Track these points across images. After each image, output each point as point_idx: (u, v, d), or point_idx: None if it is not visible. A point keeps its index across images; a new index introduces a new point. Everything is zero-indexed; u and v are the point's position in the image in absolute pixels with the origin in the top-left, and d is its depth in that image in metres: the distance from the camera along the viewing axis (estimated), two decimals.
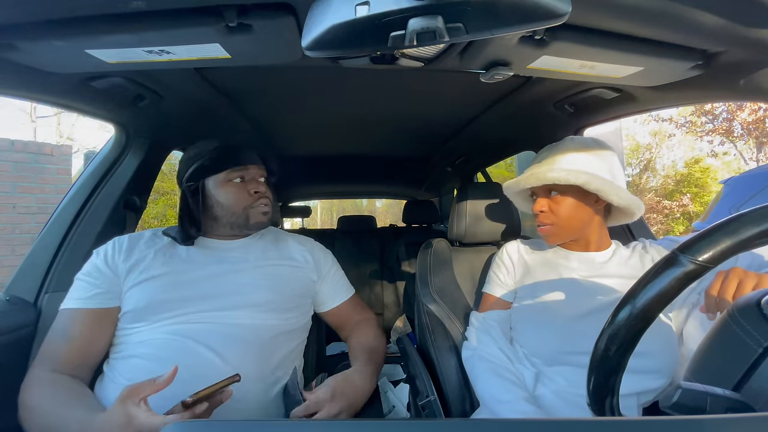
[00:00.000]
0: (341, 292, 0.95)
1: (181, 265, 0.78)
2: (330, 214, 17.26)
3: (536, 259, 0.90)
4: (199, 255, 0.81)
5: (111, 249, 0.78)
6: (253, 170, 0.85)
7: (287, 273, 0.85)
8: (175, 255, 0.80)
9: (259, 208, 0.83)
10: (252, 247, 0.86)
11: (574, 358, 0.73)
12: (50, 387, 0.64)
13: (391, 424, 0.29)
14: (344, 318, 0.95)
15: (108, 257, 0.77)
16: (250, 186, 0.83)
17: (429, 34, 0.43)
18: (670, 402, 0.33)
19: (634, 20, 0.56)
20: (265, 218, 0.85)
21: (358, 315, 0.96)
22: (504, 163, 7.80)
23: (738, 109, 7.52)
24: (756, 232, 0.32)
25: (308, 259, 0.90)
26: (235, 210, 0.82)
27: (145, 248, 0.79)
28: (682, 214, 8.24)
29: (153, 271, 0.75)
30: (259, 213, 0.83)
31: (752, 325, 0.35)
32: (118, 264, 0.76)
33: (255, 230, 0.87)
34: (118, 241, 0.80)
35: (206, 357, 0.68)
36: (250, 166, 0.84)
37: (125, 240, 0.81)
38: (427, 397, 0.86)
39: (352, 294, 0.98)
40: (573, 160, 0.80)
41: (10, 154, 3.43)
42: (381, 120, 1.32)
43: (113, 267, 0.76)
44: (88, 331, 0.71)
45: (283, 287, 0.82)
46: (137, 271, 0.75)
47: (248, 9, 0.52)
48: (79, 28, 0.54)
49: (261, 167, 0.87)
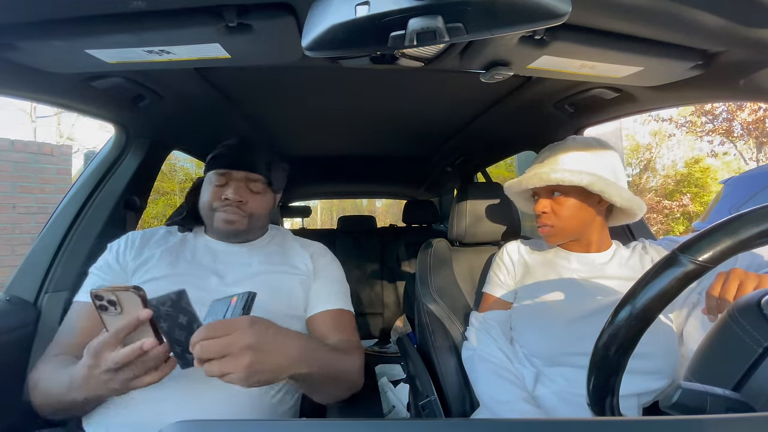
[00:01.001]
0: (326, 300, 0.81)
1: (184, 268, 0.77)
2: (330, 214, 17.26)
3: (536, 260, 0.90)
4: (204, 258, 0.80)
5: (123, 245, 0.79)
6: (237, 176, 0.81)
7: (287, 282, 0.82)
8: (180, 256, 0.79)
9: (222, 215, 0.79)
10: (258, 251, 0.84)
11: (574, 359, 0.73)
12: (53, 362, 0.66)
13: (391, 424, 0.29)
14: (323, 332, 0.78)
15: (119, 253, 0.78)
16: (225, 191, 0.79)
17: (429, 34, 0.43)
18: (670, 402, 0.33)
19: (634, 20, 0.56)
20: (228, 226, 0.79)
21: (341, 334, 0.77)
22: (504, 163, 7.80)
23: (738, 109, 7.52)
24: (756, 232, 0.32)
25: (308, 266, 0.86)
26: (204, 210, 0.82)
27: (155, 246, 0.79)
28: (682, 214, 8.24)
29: (156, 272, 0.75)
30: (221, 219, 0.79)
31: (752, 325, 0.35)
32: (128, 261, 0.77)
33: (220, 236, 0.83)
34: (131, 237, 0.81)
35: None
36: (235, 172, 0.81)
37: (138, 236, 0.81)
38: (427, 397, 0.86)
39: (341, 308, 0.82)
40: (576, 161, 0.80)
41: (10, 154, 3.44)
42: (381, 120, 1.32)
43: (123, 264, 0.76)
44: (91, 325, 0.71)
45: (282, 299, 0.78)
46: (143, 271, 0.75)
47: (248, 9, 0.52)
48: (79, 28, 0.54)
49: (252, 174, 0.82)
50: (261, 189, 0.83)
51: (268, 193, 0.85)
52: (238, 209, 0.79)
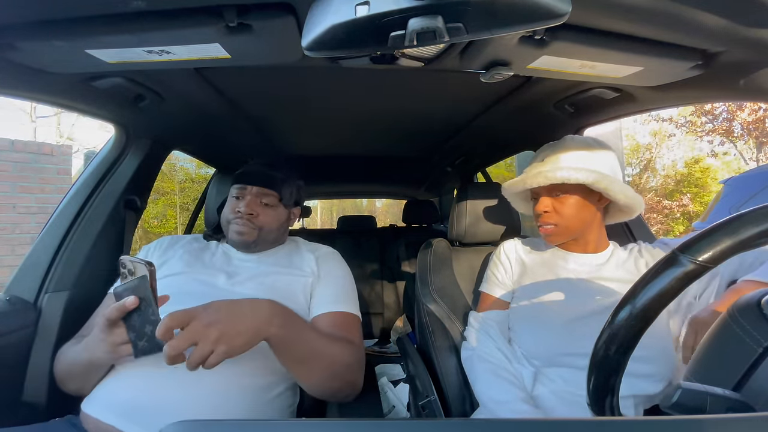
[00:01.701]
0: (331, 303, 0.81)
1: (198, 268, 0.83)
2: (330, 214, 17.26)
3: (534, 260, 0.90)
4: (219, 262, 0.87)
5: (154, 246, 0.90)
6: (251, 191, 0.88)
7: (290, 282, 0.83)
8: (199, 258, 0.86)
9: (234, 227, 0.86)
10: (267, 259, 0.89)
11: (572, 360, 0.73)
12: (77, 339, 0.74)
13: (391, 424, 0.29)
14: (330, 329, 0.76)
15: (149, 253, 0.88)
16: (239, 204, 0.87)
17: (429, 34, 0.43)
18: (670, 402, 0.33)
19: (634, 20, 0.55)
20: (239, 237, 0.85)
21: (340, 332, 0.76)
22: (504, 163, 7.80)
23: (738, 109, 7.52)
24: (756, 232, 0.32)
25: (313, 268, 0.88)
26: (223, 223, 0.90)
27: (180, 249, 0.88)
28: (682, 214, 8.24)
29: (174, 269, 0.82)
30: (233, 231, 0.86)
31: (752, 325, 0.35)
32: (153, 260, 0.80)
33: (235, 245, 0.90)
34: (162, 240, 0.91)
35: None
36: (250, 187, 0.88)
37: (167, 240, 0.91)
38: (427, 397, 0.86)
39: (346, 312, 0.80)
40: (578, 159, 0.80)
41: (10, 154, 3.44)
42: (381, 120, 1.32)
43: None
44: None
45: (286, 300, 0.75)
46: (164, 268, 0.82)
47: (248, 9, 0.52)
48: (79, 28, 0.54)
49: (265, 190, 0.88)
50: (273, 203, 0.89)
51: (280, 208, 0.91)
52: (249, 222, 0.86)
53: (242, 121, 1.24)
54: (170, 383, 0.63)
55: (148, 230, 7.96)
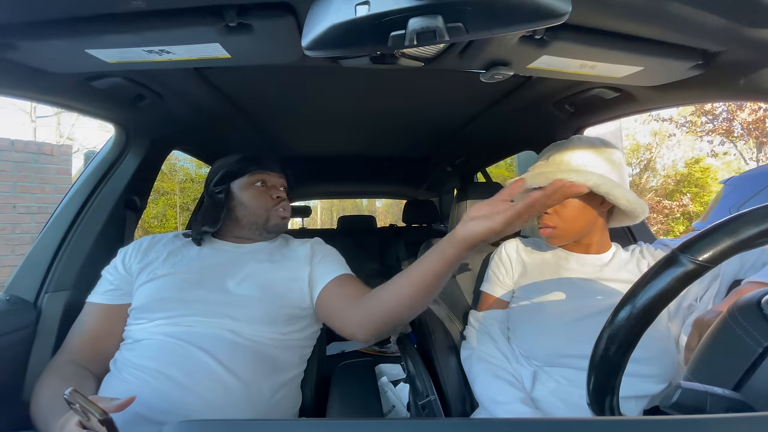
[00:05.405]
0: (330, 271, 0.82)
1: (187, 266, 0.79)
2: (330, 214, 17.25)
3: (535, 260, 0.90)
4: (208, 257, 0.82)
5: (132, 248, 0.83)
6: (274, 177, 0.91)
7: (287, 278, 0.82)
8: (186, 256, 0.82)
9: (279, 212, 0.89)
10: (261, 251, 0.87)
11: (571, 361, 0.73)
12: (51, 374, 0.67)
13: (391, 423, 0.29)
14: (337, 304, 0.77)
15: (126, 256, 0.81)
16: (271, 191, 0.89)
17: (429, 33, 0.43)
18: (670, 402, 0.33)
19: (634, 20, 0.55)
20: (284, 222, 0.90)
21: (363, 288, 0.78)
22: (504, 163, 7.80)
23: (738, 109, 7.52)
24: (756, 232, 0.32)
25: (307, 252, 0.87)
26: (257, 211, 0.87)
27: (162, 249, 0.83)
28: (682, 214, 8.24)
29: (160, 270, 0.78)
30: (278, 216, 0.88)
31: (752, 325, 0.35)
32: (132, 264, 0.79)
33: (273, 233, 0.90)
34: (140, 241, 0.85)
35: (198, 358, 0.67)
36: (272, 172, 0.91)
37: (146, 240, 0.85)
38: (427, 397, 0.86)
39: (345, 273, 0.82)
40: (582, 161, 0.79)
41: (10, 154, 3.44)
42: (381, 120, 1.32)
43: (128, 267, 0.79)
44: (97, 325, 0.75)
45: (281, 298, 0.79)
46: (148, 271, 0.78)
47: (248, 9, 0.52)
48: (79, 28, 0.54)
49: (281, 177, 0.93)
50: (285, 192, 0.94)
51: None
52: (287, 204, 0.91)
53: (242, 121, 1.24)
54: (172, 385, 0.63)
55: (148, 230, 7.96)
